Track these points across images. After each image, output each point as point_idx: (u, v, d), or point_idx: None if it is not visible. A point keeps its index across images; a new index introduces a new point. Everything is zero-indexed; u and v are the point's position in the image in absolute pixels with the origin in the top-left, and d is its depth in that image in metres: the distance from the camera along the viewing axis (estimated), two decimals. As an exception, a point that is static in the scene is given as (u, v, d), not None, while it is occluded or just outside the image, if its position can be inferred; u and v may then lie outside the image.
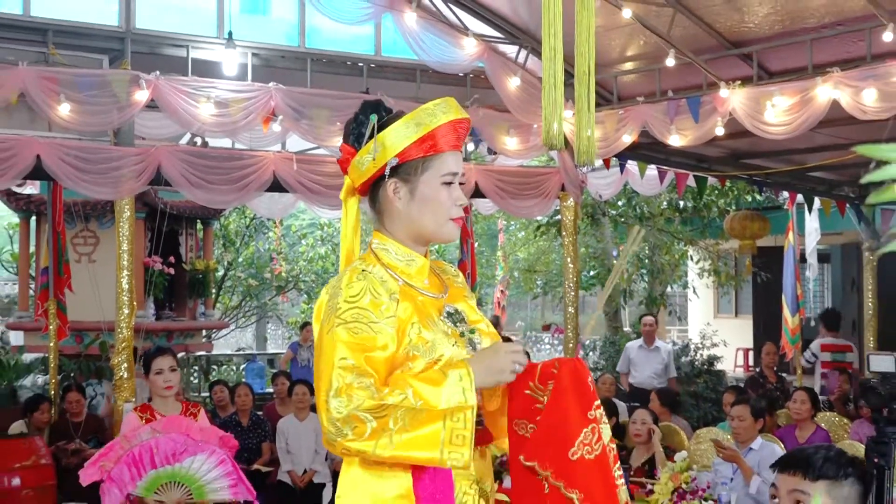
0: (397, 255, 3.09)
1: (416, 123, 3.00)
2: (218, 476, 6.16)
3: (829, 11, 10.24)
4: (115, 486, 6.00)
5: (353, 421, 2.79)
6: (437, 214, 3.06)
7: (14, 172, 9.81)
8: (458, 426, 2.82)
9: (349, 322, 2.91)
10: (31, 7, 10.53)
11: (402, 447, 2.80)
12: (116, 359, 10.23)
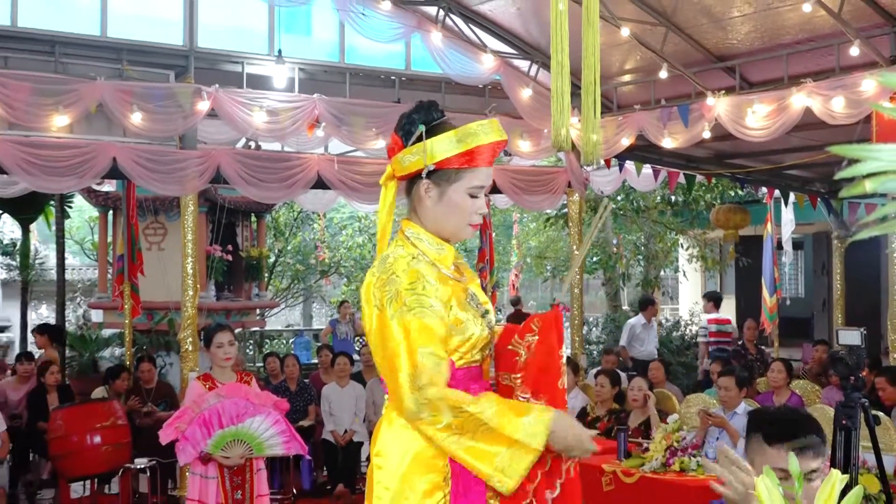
0: (430, 244, 3.05)
1: (458, 140, 2.95)
2: (274, 434, 6.19)
3: (803, 29, 10.21)
4: (189, 443, 6.04)
5: (434, 410, 2.78)
6: (459, 219, 3.04)
7: (94, 173, 9.86)
8: (515, 460, 2.79)
9: (414, 308, 2.87)
10: (107, 29, 10.56)
11: (464, 451, 2.80)
12: (182, 334, 10.27)
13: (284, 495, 9.85)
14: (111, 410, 9.70)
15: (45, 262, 18.12)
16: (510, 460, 2.78)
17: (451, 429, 2.78)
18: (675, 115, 11.01)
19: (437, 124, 3.03)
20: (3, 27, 10.08)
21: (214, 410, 6.05)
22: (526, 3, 11.31)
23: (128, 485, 9.56)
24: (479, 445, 2.78)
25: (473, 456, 2.79)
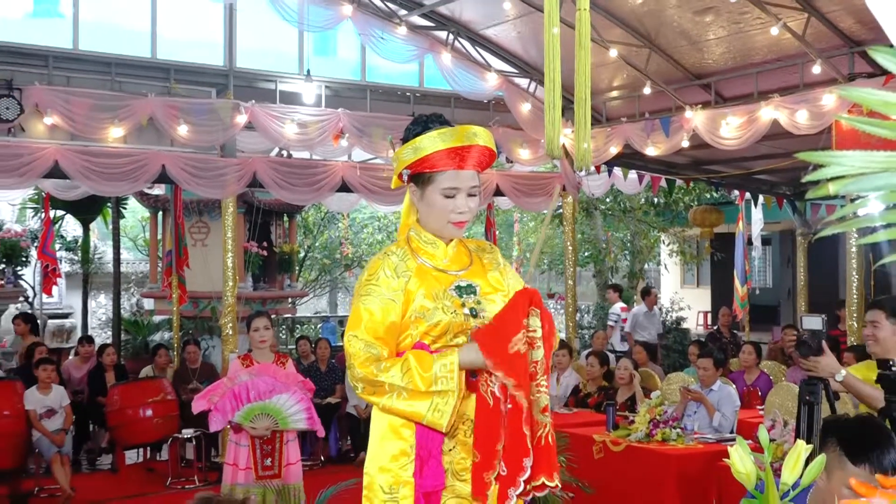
0: (423, 240, 3.05)
1: (413, 149, 2.95)
2: (298, 410, 6.18)
3: (771, 50, 10.20)
4: (220, 414, 6.05)
5: (362, 382, 2.82)
6: (438, 217, 2.99)
7: (145, 178, 9.88)
8: (440, 403, 2.78)
9: (363, 296, 2.93)
10: (157, 52, 10.59)
11: (400, 408, 2.81)
12: (223, 319, 10.30)
13: (314, 461, 9.87)
14: (161, 387, 9.74)
15: (103, 257, 18.17)
16: (437, 407, 2.79)
17: (382, 394, 2.81)
18: (658, 126, 11.01)
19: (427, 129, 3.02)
20: (66, 50, 10.11)
21: (245, 386, 6.06)
22: (525, 28, 11.32)
23: (175, 452, 9.59)
24: (409, 402, 2.80)
25: (408, 411, 2.82)
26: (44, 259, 10.96)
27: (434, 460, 2.91)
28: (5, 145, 9.20)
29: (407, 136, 3.04)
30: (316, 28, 11.07)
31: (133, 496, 8.75)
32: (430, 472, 2.91)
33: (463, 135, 2.95)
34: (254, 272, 13.18)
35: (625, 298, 17.95)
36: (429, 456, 2.91)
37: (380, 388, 2.81)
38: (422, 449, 2.92)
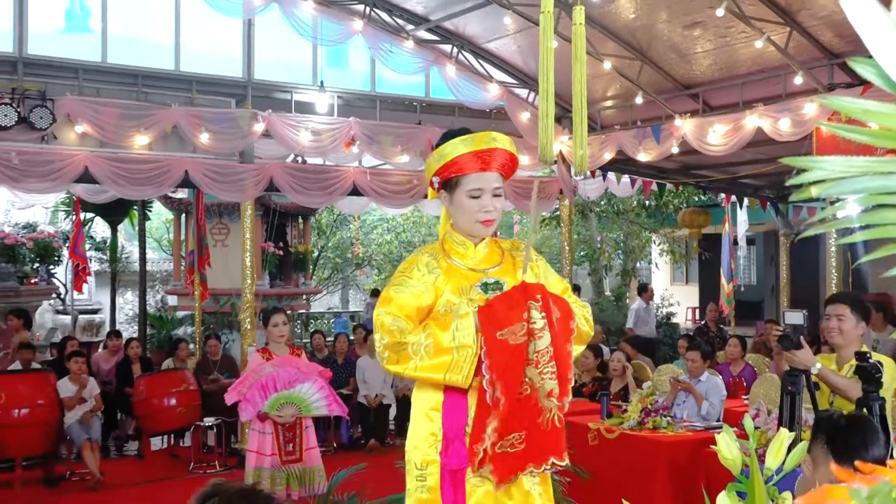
0: (455, 241, 3.11)
1: (439, 156, 3.01)
2: (319, 398, 6.20)
3: (755, 62, 10.20)
4: (249, 404, 6.07)
5: (387, 351, 2.87)
6: (467, 217, 3.04)
7: (169, 182, 9.90)
8: (458, 358, 2.82)
9: (395, 285, 3.01)
10: (180, 65, 10.60)
11: (421, 371, 2.85)
12: (242, 315, 10.31)
13: (327, 447, 9.87)
14: (184, 378, 9.76)
15: (130, 257, 18.21)
16: (455, 363, 2.82)
17: (406, 360, 2.84)
18: (649, 133, 11.01)
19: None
20: (96, 63, 10.13)
21: (270, 377, 6.08)
22: (525, 42, 11.32)
23: (198, 439, 9.61)
24: (428, 362, 2.83)
25: (428, 371, 2.84)
26: (75, 258, 10.99)
27: (459, 442, 2.95)
28: (39, 152, 9.22)
29: (436, 147, 3.10)
30: (329, 42, 11.08)
31: (158, 480, 8.76)
32: (455, 453, 2.95)
33: (483, 139, 3.02)
34: (271, 270, 13.21)
35: (617, 295, 17.98)
36: (454, 438, 2.96)
37: (404, 353, 2.84)
38: (448, 431, 2.97)
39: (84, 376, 9.07)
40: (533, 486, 3.04)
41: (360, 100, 11.80)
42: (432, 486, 3.00)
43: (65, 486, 8.60)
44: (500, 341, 2.82)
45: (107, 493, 8.27)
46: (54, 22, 11.28)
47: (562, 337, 2.94)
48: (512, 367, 2.84)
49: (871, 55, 0.92)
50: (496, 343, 2.82)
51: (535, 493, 3.04)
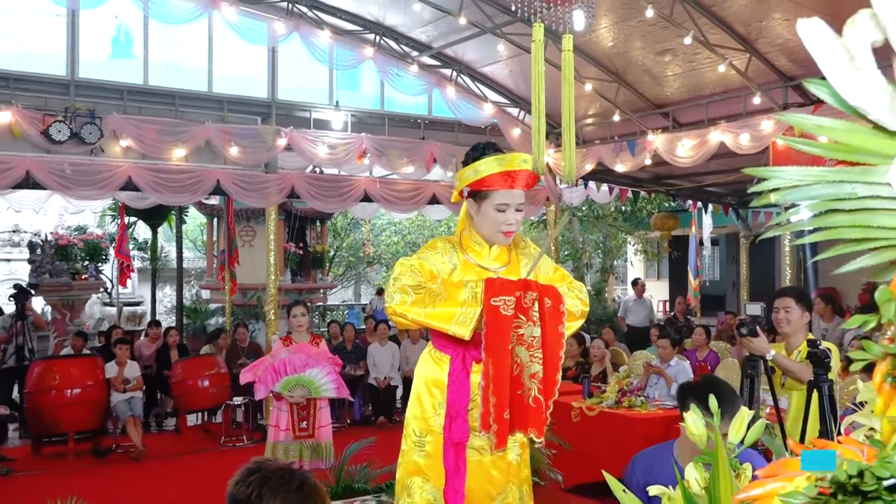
0: (474, 240, 3.09)
1: (475, 171, 2.98)
2: (327, 382, 6.20)
3: (718, 84, 10.20)
4: (263, 385, 6.09)
5: (401, 292, 2.83)
6: (491, 227, 3.02)
7: (203, 190, 9.91)
8: (465, 313, 2.82)
9: (419, 255, 3.03)
10: (213, 86, 10.60)
11: (428, 317, 2.83)
12: (267, 307, 10.32)
13: (341, 423, 9.87)
14: (215, 362, 9.76)
15: (168, 255, 18.19)
16: (462, 315, 2.82)
17: (416, 303, 2.83)
18: (625, 147, 11.01)
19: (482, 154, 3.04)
20: (138, 85, 10.13)
21: (283, 362, 6.10)
22: (516, 67, 11.32)
23: (228, 416, 9.61)
24: (437, 310, 2.82)
25: (435, 318, 2.83)
26: (120, 257, 10.99)
27: (461, 419, 2.98)
28: (89, 163, 9.22)
29: (467, 160, 3.06)
30: (343, 66, 11.09)
31: (193, 452, 8.77)
32: (458, 428, 2.98)
33: (515, 161, 2.99)
34: (292, 268, 13.20)
35: (597, 290, 17.93)
36: (457, 415, 2.98)
37: (418, 296, 2.84)
38: (451, 409, 2.99)
39: (128, 360, 9.08)
40: (515, 457, 3.08)
41: (371, 118, 11.80)
42: (430, 453, 3.02)
43: (111, 457, 8.61)
44: (494, 306, 2.84)
45: (148, 463, 8.27)
46: (102, 49, 11.27)
47: (551, 324, 2.95)
48: (499, 327, 2.85)
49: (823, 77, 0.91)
50: (490, 306, 2.84)
51: (516, 462, 3.09)
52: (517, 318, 2.88)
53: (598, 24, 9.82)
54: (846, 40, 0.84)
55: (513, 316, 2.86)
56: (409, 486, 3.07)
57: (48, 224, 15.71)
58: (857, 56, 0.84)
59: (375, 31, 11.04)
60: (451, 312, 2.83)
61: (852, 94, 0.86)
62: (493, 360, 2.85)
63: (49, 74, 9.71)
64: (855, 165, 0.92)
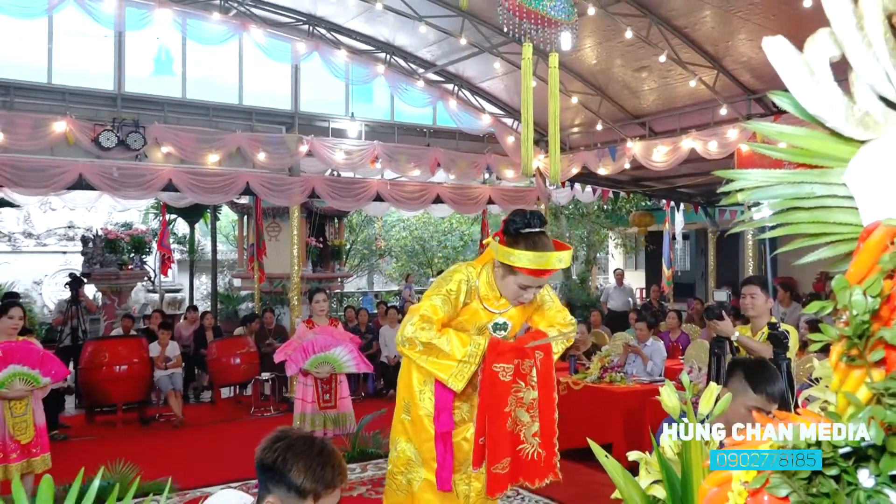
0: (491, 291, 2.98)
1: (510, 256, 2.79)
2: (349, 359, 6.20)
3: (689, 97, 10.17)
4: (293, 362, 6.09)
5: (412, 343, 2.80)
6: (509, 294, 2.93)
7: (234, 191, 9.89)
8: (462, 369, 2.79)
9: (436, 295, 2.89)
10: (243, 100, 10.59)
11: (432, 366, 2.80)
12: (291, 293, 10.32)
13: (357, 396, 9.86)
14: (246, 342, 9.76)
15: (204, 248, 18.15)
16: (458, 371, 2.78)
17: (423, 353, 2.79)
18: (607, 153, 10.98)
19: (523, 233, 2.81)
20: (177, 98, 10.13)
21: (311, 343, 6.10)
22: (510, 82, 11.29)
23: (257, 389, 9.61)
24: (438, 361, 2.79)
25: (436, 368, 2.81)
26: (161, 250, 10.98)
27: (446, 412, 3.00)
28: (134, 167, 9.21)
29: (508, 228, 2.84)
30: (357, 82, 11.06)
31: (226, 420, 8.78)
32: (445, 420, 2.99)
33: (550, 262, 2.81)
34: (313, 259, 13.19)
35: (582, 279, 17.90)
36: (444, 408, 2.99)
37: (426, 347, 2.78)
38: (439, 403, 2.99)
39: (169, 340, 9.10)
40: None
41: (382, 127, 11.77)
42: (413, 419, 3.07)
43: (155, 425, 8.63)
44: (493, 372, 2.83)
45: (187, 430, 8.29)
46: (145, 67, 11.28)
47: (546, 390, 2.94)
48: (497, 390, 2.83)
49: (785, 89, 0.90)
50: (490, 371, 2.84)
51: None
52: (515, 384, 2.86)
53: (583, 44, 9.79)
54: (807, 56, 0.83)
55: (511, 381, 2.85)
56: (396, 443, 3.15)
57: (98, 221, 15.71)
58: (817, 70, 0.83)
59: (386, 50, 11.02)
60: (450, 366, 2.79)
61: (812, 104, 0.85)
62: (489, 417, 2.84)
63: (99, 89, 9.70)
64: (813, 168, 0.91)
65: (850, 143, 0.86)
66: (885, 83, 0.81)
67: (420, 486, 3.03)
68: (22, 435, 4.97)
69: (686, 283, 18.28)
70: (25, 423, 5.00)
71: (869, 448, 0.76)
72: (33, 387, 5.00)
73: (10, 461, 4.92)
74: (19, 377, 4.95)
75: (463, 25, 9.91)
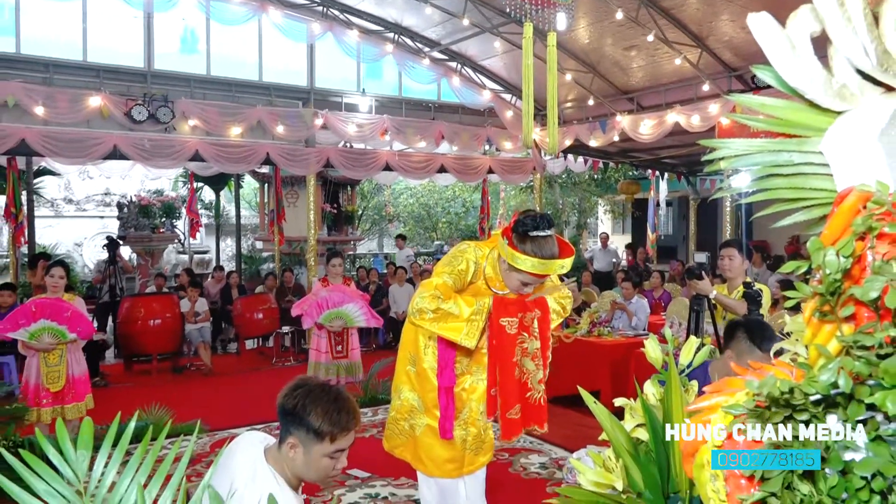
0: (494, 270, 2.91)
1: (515, 259, 2.69)
2: (360, 314, 6.23)
3: (674, 74, 10.03)
4: (308, 317, 6.12)
5: (422, 312, 2.74)
6: (510, 286, 2.84)
7: (255, 161, 9.84)
8: (472, 326, 2.75)
9: (445, 273, 2.83)
10: (262, 76, 10.47)
11: (443, 330, 2.75)
12: (308, 255, 10.31)
13: (368, 347, 9.95)
14: (268, 299, 9.79)
15: (229, 214, 18.14)
16: (468, 329, 2.74)
17: (433, 320, 2.74)
18: (598, 126, 10.86)
19: (530, 236, 2.69)
20: (202, 75, 10.02)
21: (325, 299, 6.12)
22: (510, 60, 11.15)
23: (278, 341, 9.68)
24: (449, 325, 2.75)
25: (447, 331, 2.76)
26: (190, 214, 10.97)
27: (449, 368, 2.99)
28: (163, 139, 9.16)
29: (517, 228, 2.73)
30: (368, 60, 10.93)
31: (251, 370, 8.86)
32: (448, 375, 2.99)
33: (552, 269, 2.72)
34: (328, 224, 13.15)
35: (573, 243, 17.84)
36: (446, 366, 2.99)
37: (435, 314, 2.74)
38: (442, 360, 2.99)
39: (198, 297, 9.14)
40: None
41: (391, 102, 11.65)
42: (419, 371, 3.06)
43: (186, 373, 8.71)
44: (501, 325, 2.81)
45: (215, 378, 8.37)
46: (173, 45, 11.15)
47: (543, 334, 2.92)
48: (504, 343, 2.82)
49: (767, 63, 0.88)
50: (497, 325, 2.82)
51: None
52: (520, 335, 2.84)
53: (577, 25, 9.63)
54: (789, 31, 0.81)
55: (517, 333, 2.83)
56: (400, 392, 3.14)
57: (132, 188, 15.67)
58: (798, 44, 0.81)
59: (394, 30, 10.86)
60: (460, 327, 2.74)
61: (792, 77, 0.83)
62: (500, 368, 2.82)
63: (130, 66, 9.60)
64: (792, 137, 0.89)
65: (828, 114, 0.84)
66: (862, 56, 0.79)
67: (422, 431, 3.06)
68: (53, 384, 5.04)
69: (669, 246, 18.26)
70: (58, 373, 5.06)
71: (838, 396, 0.76)
72: (60, 341, 5.03)
73: (41, 405, 5.02)
74: (48, 331, 4.99)
75: (465, 7, 9.74)
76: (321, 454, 1.91)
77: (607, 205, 19.80)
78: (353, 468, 4.78)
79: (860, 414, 0.74)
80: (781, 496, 0.78)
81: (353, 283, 6.65)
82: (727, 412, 0.85)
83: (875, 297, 0.73)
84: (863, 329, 0.75)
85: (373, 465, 4.80)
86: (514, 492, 4.57)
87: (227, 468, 1.92)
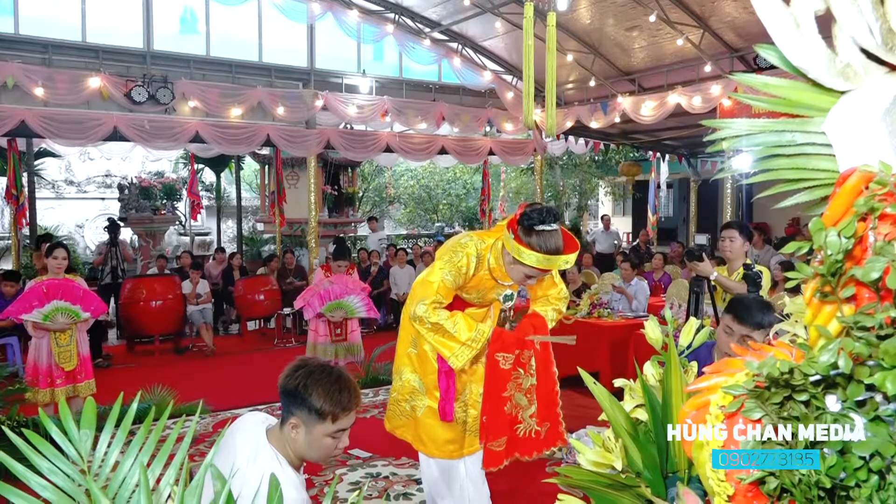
0: (496, 262, 2.88)
1: (518, 252, 2.66)
2: (361, 305, 6.29)
3: (676, 54, 9.96)
4: (311, 307, 6.17)
5: (422, 321, 2.76)
6: (514, 277, 2.81)
7: (256, 143, 9.80)
8: (464, 350, 2.76)
9: (445, 270, 2.80)
10: (262, 57, 10.40)
11: (437, 342, 2.78)
12: (309, 237, 10.32)
13: (369, 329, 9.97)
14: (269, 281, 9.80)
15: (230, 195, 18.12)
16: (459, 352, 2.76)
17: (430, 330, 2.77)
18: (599, 108, 10.81)
19: (536, 230, 2.65)
20: (202, 56, 9.95)
21: (327, 291, 6.20)
22: (510, 41, 11.07)
23: (279, 323, 9.71)
24: (444, 340, 2.77)
25: (440, 345, 2.78)
26: (191, 196, 10.95)
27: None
28: (163, 120, 9.11)
29: (523, 220, 2.68)
30: (368, 40, 10.85)
31: (252, 350, 8.89)
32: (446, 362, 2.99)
33: (556, 265, 2.70)
34: (329, 205, 13.14)
35: (574, 224, 17.85)
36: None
37: (434, 326, 2.74)
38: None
39: (199, 279, 9.15)
40: None
41: (392, 83, 11.59)
42: (420, 354, 3.06)
43: (188, 354, 8.75)
44: (495, 360, 2.83)
45: (217, 359, 8.40)
46: (172, 26, 11.05)
47: (544, 373, 2.92)
48: (495, 380, 2.82)
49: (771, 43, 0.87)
50: (492, 359, 2.83)
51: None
52: (515, 371, 2.84)
53: (579, 5, 9.55)
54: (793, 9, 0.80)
55: (511, 369, 2.83)
56: (401, 373, 3.16)
57: (133, 170, 15.65)
58: (802, 23, 0.80)
59: (395, 10, 10.76)
60: (453, 346, 2.76)
61: (796, 56, 0.82)
62: (489, 400, 2.83)
63: (130, 47, 9.52)
64: (794, 117, 0.88)
65: (831, 94, 0.84)
66: (866, 35, 0.78)
67: (423, 412, 3.08)
68: (66, 363, 5.07)
69: (669, 227, 18.26)
70: (69, 353, 5.08)
71: (837, 376, 0.76)
72: (74, 320, 5.05)
73: (56, 386, 5.06)
74: (61, 311, 5.01)
75: (466, -13, 9.65)
76: (323, 434, 1.92)
77: (608, 186, 19.75)
78: (355, 448, 4.81)
79: (859, 394, 0.74)
80: (780, 475, 0.78)
81: (355, 268, 6.68)
82: (727, 392, 0.85)
83: (876, 277, 0.72)
84: (863, 310, 0.75)
85: (374, 446, 4.84)
86: (513, 471, 4.60)
87: (229, 448, 1.93)
